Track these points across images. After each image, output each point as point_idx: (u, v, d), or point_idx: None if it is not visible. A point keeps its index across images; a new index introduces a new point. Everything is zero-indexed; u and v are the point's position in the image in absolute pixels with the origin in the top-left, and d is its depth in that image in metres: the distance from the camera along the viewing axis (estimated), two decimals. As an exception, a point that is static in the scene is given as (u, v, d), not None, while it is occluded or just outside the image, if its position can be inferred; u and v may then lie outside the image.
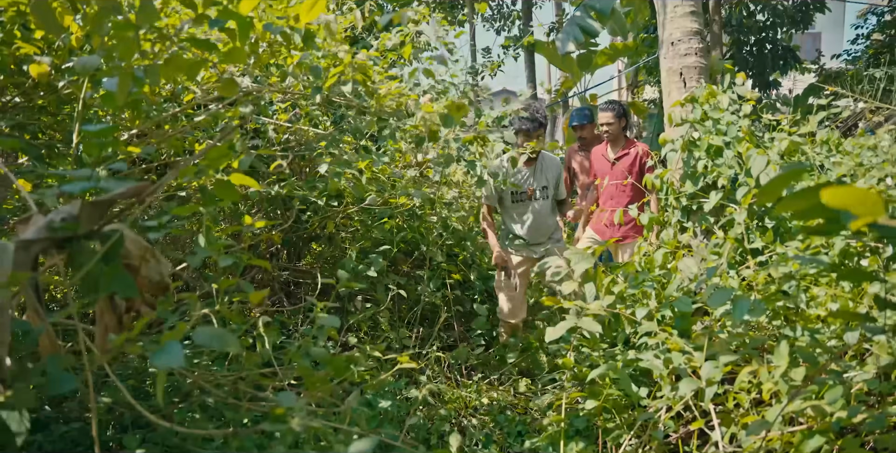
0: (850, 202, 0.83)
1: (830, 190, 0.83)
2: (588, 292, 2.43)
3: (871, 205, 0.81)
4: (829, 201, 0.83)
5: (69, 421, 2.28)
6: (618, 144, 4.26)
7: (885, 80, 6.88)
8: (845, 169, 2.48)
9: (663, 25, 3.26)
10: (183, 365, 0.85)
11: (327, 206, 3.35)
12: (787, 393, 1.74)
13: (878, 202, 0.80)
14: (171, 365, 0.87)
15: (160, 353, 0.89)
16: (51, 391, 1.04)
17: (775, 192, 1.09)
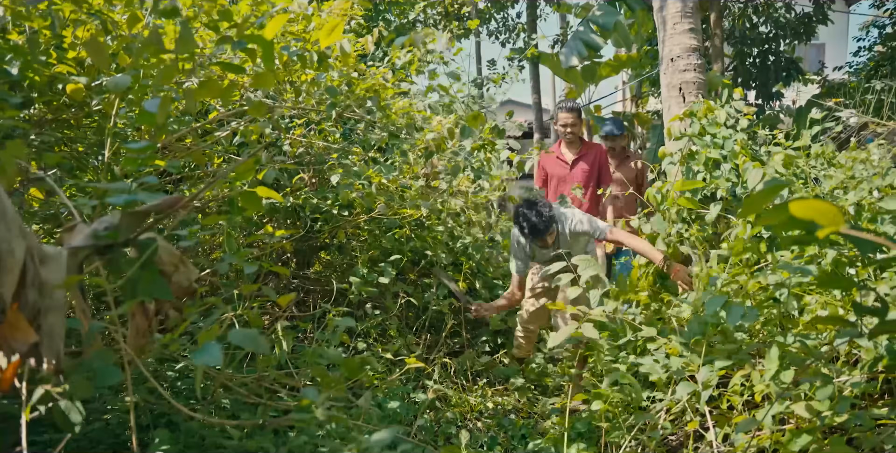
0: (814, 214, 0.93)
1: (797, 203, 0.93)
2: (592, 298, 2.53)
3: (832, 217, 0.91)
4: (796, 213, 0.94)
5: (90, 421, 2.38)
6: (574, 146, 4.21)
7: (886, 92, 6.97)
8: (835, 182, 2.58)
9: (663, 42, 3.38)
10: (221, 364, 0.96)
11: (339, 216, 3.46)
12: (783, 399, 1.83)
13: (837, 214, 0.91)
14: (210, 363, 0.98)
15: (200, 353, 1.00)
16: (99, 383, 1.15)
17: (757, 207, 1.20)
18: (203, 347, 1.00)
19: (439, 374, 3.19)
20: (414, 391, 2.96)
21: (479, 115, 1.86)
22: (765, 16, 10.76)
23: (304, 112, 2.95)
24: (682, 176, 3.28)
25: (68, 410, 1.12)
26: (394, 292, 3.56)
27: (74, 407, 1.14)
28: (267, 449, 1.92)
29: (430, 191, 3.90)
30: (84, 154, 2.40)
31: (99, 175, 2.11)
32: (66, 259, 1.13)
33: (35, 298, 1.00)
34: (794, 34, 11.02)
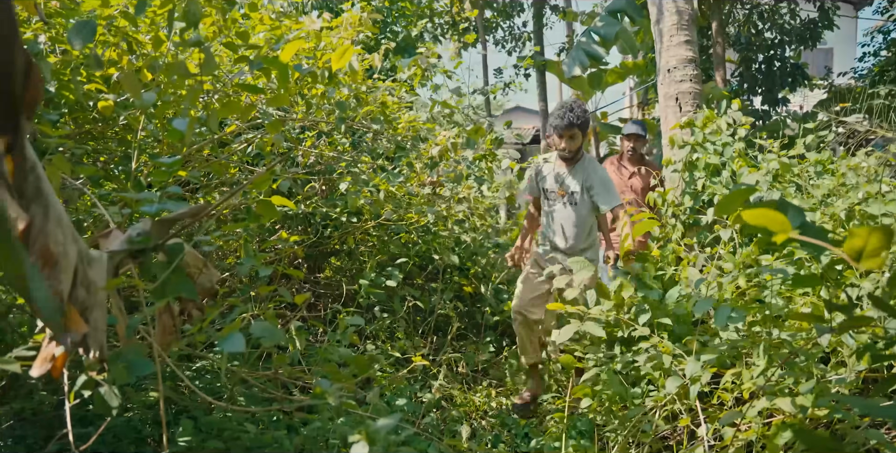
0: (765, 221, 1.05)
1: (749, 211, 1.05)
2: (589, 298, 2.64)
3: (780, 223, 1.03)
4: (749, 220, 1.05)
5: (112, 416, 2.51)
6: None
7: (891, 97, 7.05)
8: (824, 189, 2.69)
9: (660, 53, 3.50)
10: (244, 350, 1.09)
11: (348, 223, 3.60)
12: (766, 392, 1.93)
13: (785, 221, 1.02)
14: (235, 349, 1.11)
15: (226, 340, 1.13)
16: (134, 373, 1.27)
17: (729, 208, 1.32)
18: (228, 336, 1.12)
19: (445, 375, 3.31)
20: (420, 390, 3.08)
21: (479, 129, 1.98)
22: (770, 22, 10.85)
23: (315, 124, 3.10)
24: (684, 182, 3.39)
25: (108, 395, 1.25)
26: (401, 296, 3.68)
27: (113, 392, 1.27)
28: (280, 440, 2.05)
29: (436, 198, 4.03)
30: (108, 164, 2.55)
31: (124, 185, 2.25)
32: (106, 262, 1.26)
33: (84, 296, 1.13)
34: (800, 40, 11.11)
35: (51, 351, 1.17)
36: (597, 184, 3.35)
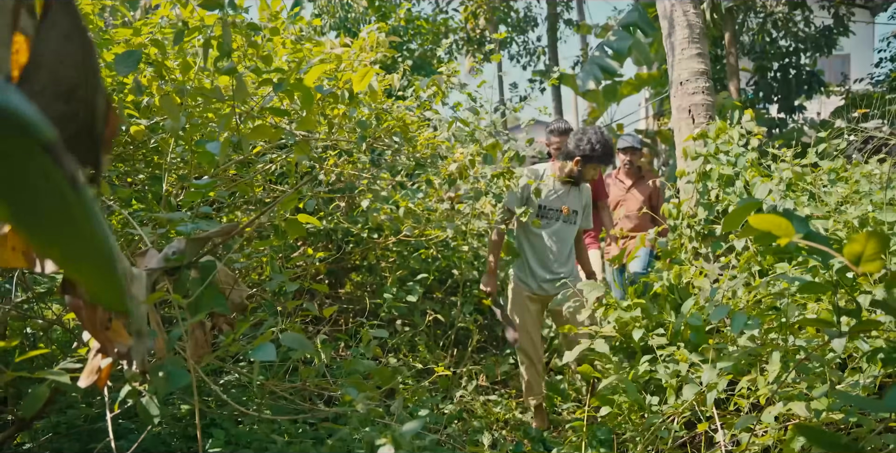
0: (770, 227, 1.10)
1: (755, 217, 1.11)
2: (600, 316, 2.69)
3: (784, 229, 1.08)
4: (755, 226, 1.11)
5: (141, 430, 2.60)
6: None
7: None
8: (836, 197, 2.71)
9: (672, 67, 3.56)
10: (275, 359, 1.16)
11: (369, 238, 3.69)
12: (781, 397, 1.97)
13: (789, 226, 1.07)
14: (267, 358, 1.18)
15: (258, 350, 1.20)
16: (172, 384, 1.35)
17: (736, 222, 1.37)
18: (260, 346, 1.20)
19: (465, 386, 3.36)
20: (442, 402, 3.13)
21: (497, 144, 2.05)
22: (784, 30, 10.86)
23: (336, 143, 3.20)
24: (698, 193, 3.43)
25: (149, 405, 1.33)
26: (422, 310, 3.75)
27: (154, 402, 1.35)
28: (307, 450, 2.11)
29: (455, 214, 4.11)
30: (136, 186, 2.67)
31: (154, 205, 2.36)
32: (145, 279, 1.35)
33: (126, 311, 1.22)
34: (815, 47, 11.09)
35: (97, 364, 1.26)
36: (588, 205, 3.56)
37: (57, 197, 0.43)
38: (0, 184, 0.47)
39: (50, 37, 0.57)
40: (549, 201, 3.44)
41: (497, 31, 10.63)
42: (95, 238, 0.44)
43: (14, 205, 0.49)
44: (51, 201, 0.45)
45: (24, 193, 0.46)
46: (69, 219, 0.44)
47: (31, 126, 0.39)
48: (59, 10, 0.57)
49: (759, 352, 2.28)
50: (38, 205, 0.47)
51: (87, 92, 0.58)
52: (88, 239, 0.44)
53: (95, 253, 0.45)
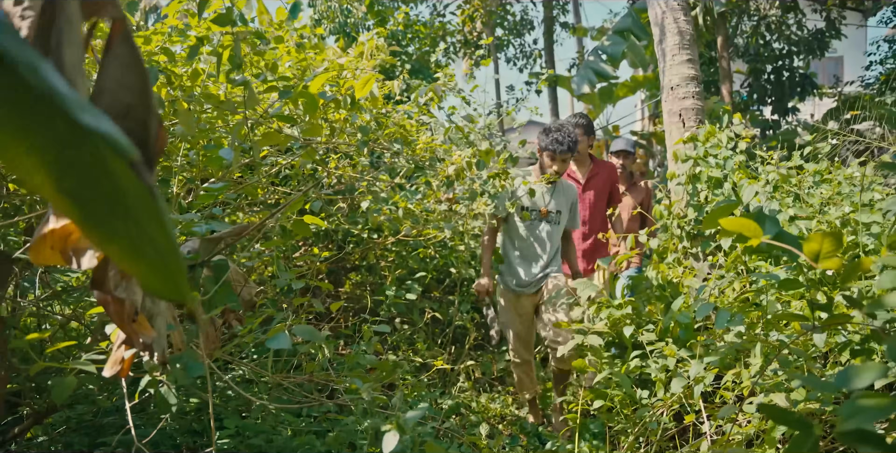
0: (740, 228, 1.20)
1: (727, 220, 1.21)
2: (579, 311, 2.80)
3: (753, 230, 1.18)
4: (727, 227, 1.21)
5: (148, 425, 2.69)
6: (584, 164, 4.03)
7: None
8: (820, 199, 2.82)
9: (663, 72, 3.67)
10: (290, 347, 1.26)
11: (368, 239, 3.78)
12: (762, 388, 2.07)
13: (757, 228, 1.17)
14: (281, 346, 1.28)
15: (273, 340, 1.30)
16: (189, 374, 1.45)
17: (714, 223, 1.48)
18: (274, 336, 1.30)
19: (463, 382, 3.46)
20: (440, 397, 3.23)
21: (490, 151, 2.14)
22: (777, 33, 11.00)
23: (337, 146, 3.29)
24: (688, 195, 3.54)
25: (167, 394, 1.43)
26: (420, 308, 3.85)
27: (171, 392, 1.45)
28: (311, 442, 2.21)
29: (452, 215, 4.21)
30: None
31: (165, 207, 2.44)
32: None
33: (150, 305, 1.31)
34: (808, 50, 11.24)
35: (120, 355, 1.35)
36: (574, 205, 3.56)
37: (137, 204, 0.53)
38: (84, 192, 0.58)
39: (112, 66, 0.67)
40: (532, 203, 3.48)
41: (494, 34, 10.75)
42: (167, 237, 0.54)
43: (89, 210, 0.60)
44: (130, 207, 0.55)
45: (104, 201, 0.56)
46: (145, 222, 0.54)
47: (121, 147, 0.49)
48: (120, 43, 0.67)
49: (744, 347, 2.39)
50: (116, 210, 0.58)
51: (141, 112, 0.68)
52: (162, 238, 0.54)
53: (165, 250, 0.55)
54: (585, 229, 3.97)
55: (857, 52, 18.38)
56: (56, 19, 0.61)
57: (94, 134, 0.49)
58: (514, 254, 3.52)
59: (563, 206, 3.52)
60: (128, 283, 1.22)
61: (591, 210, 3.98)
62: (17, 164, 0.59)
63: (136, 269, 0.66)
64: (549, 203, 3.49)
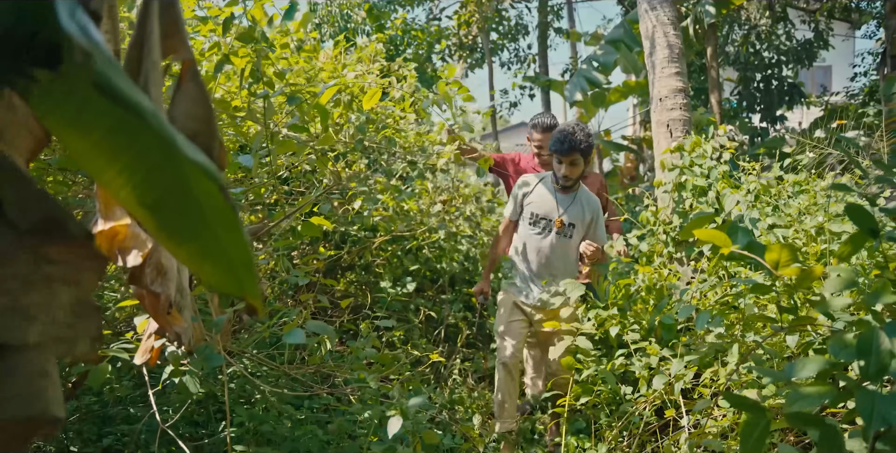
0: (711, 238, 1.35)
1: (700, 231, 1.35)
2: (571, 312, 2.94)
3: (722, 240, 1.33)
4: (700, 237, 1.36)
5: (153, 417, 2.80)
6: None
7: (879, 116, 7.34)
8: (797, 208, 2.99)
9: (653, 84, 3.83)
10: (304, 342, 1.39)
11: (364, 239, 3.92)
12: (736, 385, 2.22)
13: (726, 238, 1.32)
14: (297, 341, 1.41)
15: (289, 335, 1.43)
16: (210, 364, 1.58)
17: (690, 232, 1.62)
18: (290, 331, 1.43)
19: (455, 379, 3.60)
20: (433, 392, 3.37)
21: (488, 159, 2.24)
22: (767, 43, 11.23)
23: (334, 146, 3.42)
24: (674, 202, 3.69)
25: (188, 382, 1.56)
26: (415, 305, 3.99)
27: (193, 380, 1.57)
28: (314, 431, 2.34)
29: (446, 216, 4.35)
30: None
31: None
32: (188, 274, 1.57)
33: (179, 299, 1.44)
34: (797, 59, 11.47)
35: (150, 344, 1.48)
36: (598, 219, 3.20)
37: (215, 217, 0.66)
38: (163, 206, 0.72)
39: (182, 99, 0.80)
40: (542, 210, 3.16)
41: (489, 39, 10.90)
42: (243, 245, 0.67)
43: (165, 219, 0.74)
44: (206, 219, 0.68)
45: (180, 213, 0.70)
46: (221, 232, 0.67)
47: (214, 174, 0.62)
48: (189, 80, 0.80)
49: (722, 348, 2.54)
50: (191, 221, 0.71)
51: (206, 138, 0.82)
52: (238, 246, 0.67)
53: (239, 255, 0.69)
54: None
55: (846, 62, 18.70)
56: (143, 62, 0.74)
57: (193, 163, 0.63)
58: (524, 262, 3.21)
59: (577, 219, 3.15)
60: (162, 279, 1.35)
61: None
62: (108, 181, 0.73)
63: (202, 269, 0.79)
64: (563, 213, 3.12)
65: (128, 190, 0.73)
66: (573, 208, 3.16)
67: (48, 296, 0.66)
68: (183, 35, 0.79)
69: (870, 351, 0.95)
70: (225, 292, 0.91)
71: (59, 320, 0.66)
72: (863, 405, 0.86)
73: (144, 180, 0.71)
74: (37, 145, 0.78)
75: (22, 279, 0.63)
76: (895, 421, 0.83)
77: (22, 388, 0.61)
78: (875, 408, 0.86)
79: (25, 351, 0.62)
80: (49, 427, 0.65)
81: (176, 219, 0.73)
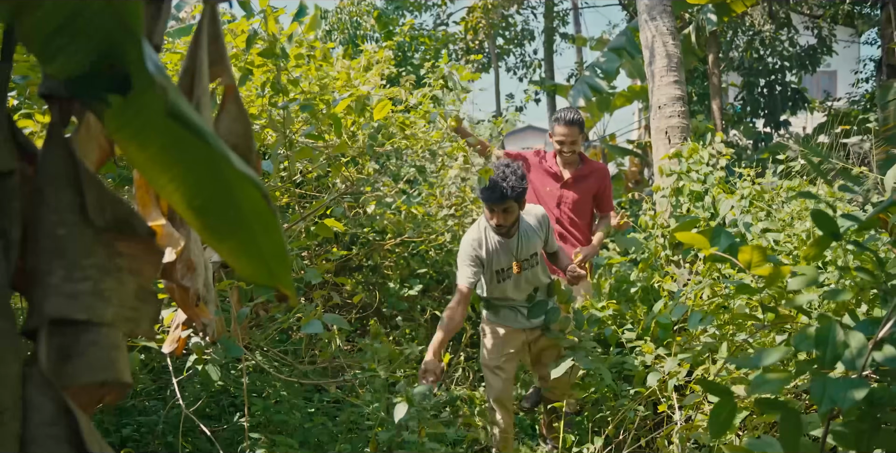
0: (691, 241, 1.47)
1: (681, 233, 1.48)
2: None
3: (700, 241, 1.45)
4: (680, 239, 1.49)
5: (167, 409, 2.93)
6: (573, 163, 3.67)
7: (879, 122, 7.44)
8: (787, 214, 3.11)
9: (652, 92, 3.96)
10: (323, 332, 1.52)
11: (373, 241, 4.05)
12: (726, 380, 2.34)
13: (703, 240, 1.44)
14: (314, 330, 1.54)
15: (307, 326, 1.57)
16: (230, 354, 1.71)
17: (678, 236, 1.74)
18: (309, 322, 1.56)
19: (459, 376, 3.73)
20: (438, 388, 3.50)
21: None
22: (770, 48, 11.33)
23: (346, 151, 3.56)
24: (671, 207, 3.82)
25: (211, 371, 1.69)
26: (421, 306, 4.12)
27: (214, 369, 1.71)
28: (325, 422, 2.47)
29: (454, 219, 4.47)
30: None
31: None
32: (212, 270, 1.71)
33: (205, 293, 1.57)
34: (800, 65, 11.57)
35: (177, 335, 1.61)
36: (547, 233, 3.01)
37: (255, 219, 0.79)
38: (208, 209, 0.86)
39: (225, 118, 0.94)
40: (502, 263, 2.89)
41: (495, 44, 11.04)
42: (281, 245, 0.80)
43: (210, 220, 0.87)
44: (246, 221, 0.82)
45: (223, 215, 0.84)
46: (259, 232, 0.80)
47: (258, 184, 0.75)
48: (231, 102, 0.94)
49: (715, 347, 2.66)
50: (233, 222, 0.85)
51: (244, 151, 0.95)
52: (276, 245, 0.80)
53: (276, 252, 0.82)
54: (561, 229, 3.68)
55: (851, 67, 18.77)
56: (195, 88, 0.88)
57: (242, 175, 0.76)
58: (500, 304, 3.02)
59: (534, 246, 2.95)
60: (191, 275, 1.49)
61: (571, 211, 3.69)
62: (161, 187, 0.87)
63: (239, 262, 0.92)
64: (520, 252, 2.91)
65: (178, 194, 0.87)
66: (525, 245, 2.91)
67: (118, 283, 0.79)
68: (226, 63, 0.92)
69: (827, 342, 1.07)
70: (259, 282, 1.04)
71: (126, 303, 0.80)
72: (815, 388, 0.98)
73: (193, 187, 0.85)
74: (103, 156, 0.92)
75: (99, 268, 0.77)
76: (842, 403, 0.96)
77: (101, 357, 0.75)
78: (826, 392, 0.98)
79: (103, 327, 0.76)
80: (119, 390, 0.79)
81: (218, 220, 0.86)
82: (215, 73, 0.93)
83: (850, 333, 1.02)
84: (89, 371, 0.74)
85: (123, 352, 0.78)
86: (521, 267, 2.89)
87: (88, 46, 0.72)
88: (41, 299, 0.71)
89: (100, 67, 0.74)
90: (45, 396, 0.70)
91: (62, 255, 0.74)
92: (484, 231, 2.88)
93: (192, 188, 0.86)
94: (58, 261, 0.73)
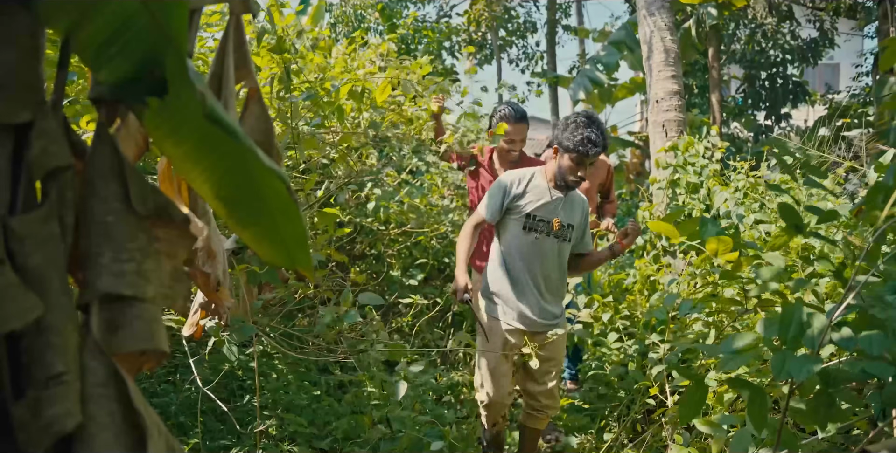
0: (663, 230, 1.57)
1: (652, 223, 1.58)
2: None
3: (670, 231, 1.55)
4: (654, 230, 1.59)
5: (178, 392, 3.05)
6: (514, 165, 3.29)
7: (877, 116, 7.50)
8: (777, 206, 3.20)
9: (650, 86, 4.04)
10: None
11: (377, 230, 4.16)
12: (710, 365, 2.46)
13: (673, 229, 1.55)
14: (353, 321, 1.65)
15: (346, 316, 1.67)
16: (243, 335, 1.82)
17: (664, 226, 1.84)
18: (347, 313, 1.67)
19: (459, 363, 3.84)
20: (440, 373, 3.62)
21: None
22: (772, 41, 11.36)
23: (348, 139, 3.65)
24: (668, 198, 3.92)
25: (228, 352, 1.80)
26: (423, 294, 4.23)
27: (231, 351, 1.82)
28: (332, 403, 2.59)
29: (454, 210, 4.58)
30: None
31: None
32: (227, 255, 1.82)
33: (222, 279, 1.68)
34: (802, 58, 11.61)
35: (197, 319, 1.72)
36: (586, 224, 2.76)
37: (277, 207, 0.89)
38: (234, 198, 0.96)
39: (248, 117, 1.04)
40: (537, 209, 2.63)
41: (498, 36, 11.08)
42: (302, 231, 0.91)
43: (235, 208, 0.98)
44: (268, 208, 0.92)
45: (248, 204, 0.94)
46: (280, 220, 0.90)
47: (282, 176, 0.86)
48: (254, 102, 1.04)
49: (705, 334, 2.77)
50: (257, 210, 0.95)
51: (266, 147, 1.05)
52: (297, 231, 0.90)
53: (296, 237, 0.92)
54: None
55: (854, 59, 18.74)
56: (223, 91, 0.98)
57: (268, 169, 0.86)
58: (510, 276, 2.68)
59: (574, 220, 2.70)
60: (212, 262, 1.59)
61: None
62: (193, 179, 0.97)
63: (261, 246, 1.03)
64: (560, 213, 2.65)
65: (207, 185, 0.97)
66: (567, 209, 2.68)
67: (157, 264, 0.90)
68: (250, 67, 1.02)
69: (790, 322, 1.17)
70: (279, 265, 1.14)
71: (164, 282, 0.90)
72: (775, 362, 1.09)
73: (221, 179, 0.96)
74: (138, 152, 1.02)
75: (141, 251, 0.87)
76: (797, 376, 1.06)
77: (143, 329, 0.86)
78: (784, 366, 1.09)
79: (145, 303, 0.86)
80: (157, 358, 0.90)
81: (243, 208, 0.97)
82: (240, 77, 1.03)
83: (813, 315, 1.13)
84: (133, 340, 0.84)
85: (161, 325, 0.88)
86: (561, 226, 2.61)
87: (134, 56, 0.82)
88: (94, 277, 0.81)
89: (142, 74, 0.85)
90: (97, 361, 0.81)
91: (110, 239, 0.84)
92: (531, 175, 2.67)
93: (220, 180, 0.97)
94: (107, 244, 0.84)
